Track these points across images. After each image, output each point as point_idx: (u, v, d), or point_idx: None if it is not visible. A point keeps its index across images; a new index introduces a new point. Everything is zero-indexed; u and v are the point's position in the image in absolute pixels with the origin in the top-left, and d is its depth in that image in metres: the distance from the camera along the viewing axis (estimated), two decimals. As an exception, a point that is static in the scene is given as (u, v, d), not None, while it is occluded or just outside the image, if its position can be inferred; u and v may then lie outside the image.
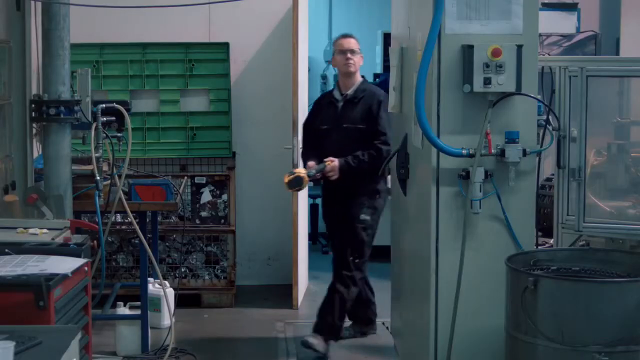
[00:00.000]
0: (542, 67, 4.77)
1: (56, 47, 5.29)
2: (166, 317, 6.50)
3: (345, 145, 6.13)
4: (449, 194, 4.46)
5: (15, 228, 4.47)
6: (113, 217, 5.82)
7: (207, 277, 7.45)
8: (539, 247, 5.04)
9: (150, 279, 6.39)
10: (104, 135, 5.49)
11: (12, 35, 5.44)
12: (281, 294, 7.52)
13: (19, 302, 3.45)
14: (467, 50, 4.34)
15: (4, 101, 5.35)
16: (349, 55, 6.24)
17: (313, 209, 9.37)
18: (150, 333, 6.14)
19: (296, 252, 7.28)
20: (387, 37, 9.11)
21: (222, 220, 7.46)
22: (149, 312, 6.15)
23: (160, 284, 6.23)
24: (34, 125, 5.47)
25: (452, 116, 4.43)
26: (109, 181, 5.62)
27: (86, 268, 3.96)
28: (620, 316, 3.82)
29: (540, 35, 5.34)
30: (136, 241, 7.05)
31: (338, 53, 6.28)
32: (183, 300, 6.88)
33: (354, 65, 6.27)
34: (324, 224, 6.59)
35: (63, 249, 4.03)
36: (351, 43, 6.30)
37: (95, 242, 4.43)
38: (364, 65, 6.44)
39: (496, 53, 4.30)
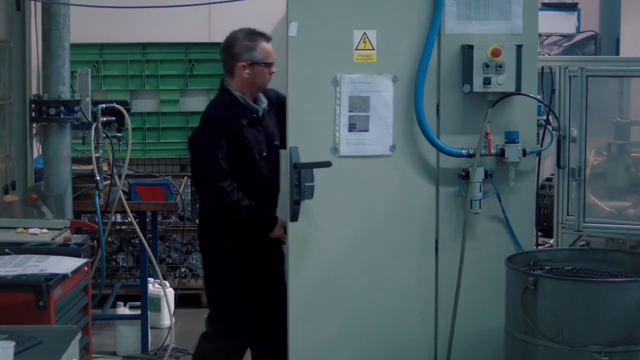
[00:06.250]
0: (542, 67, 4.76)
1: (56, 47, 5.29)
2: (166, 317, 6.49)
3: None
4: (449, 194, 4.45)
5: (15, 228, 4.46)
6: (113, 217, 5.82)
7: (207, 277, 7.44)
8: (539, 247, 5.04)
9: (150, 279, 6.40)
10: (104, 135, 5.49)
11: (12, 35, 5.44)
12: (281, 294, 7.49)
13: (19, 302, 3.45)
14: (467, 50, 4.34)
15: (4, 101, 5.35)
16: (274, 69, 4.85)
17: (313, 209, 9.34)
18: (150, 333, 6.14)
19: (296, 252, 7.27)
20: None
21: (222, 220, 7.45)
22: (149, 312, 6.16)
23: (160, 284, 6.22)
24: (34, 125, 5.48)
25: (452, 116, 4.43)
26: (109, 181, 5.62)
27: (86, 268, 3.96)
28: (620, 316, 3.82)
29: (540, 35, 5.34)
30: (136, 241, 7.05)
31: (265, 66, 4.80)
32: (183, 300, 6.87)
33: None
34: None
35: (63, 249, 4.03)
36: None
37: (95, 242, 4.43)
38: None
39: (496, 53, 4.29)
